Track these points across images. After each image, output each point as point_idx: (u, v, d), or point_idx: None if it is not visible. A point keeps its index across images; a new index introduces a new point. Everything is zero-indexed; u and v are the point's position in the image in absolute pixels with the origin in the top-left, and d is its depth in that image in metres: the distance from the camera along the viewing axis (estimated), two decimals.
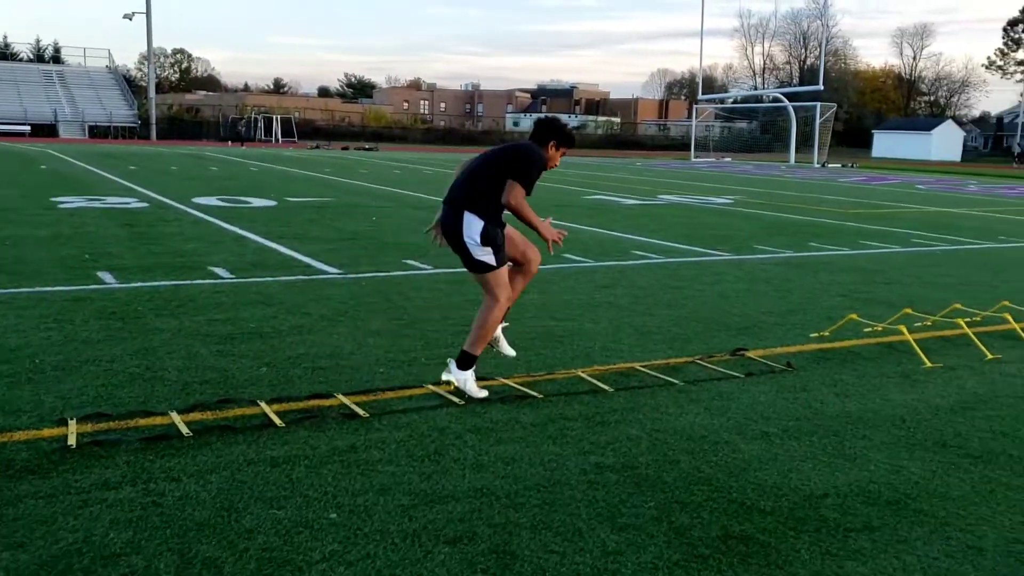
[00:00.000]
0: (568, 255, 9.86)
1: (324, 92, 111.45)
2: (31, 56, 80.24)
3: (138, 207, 13.85)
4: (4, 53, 78.17)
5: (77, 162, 26.11)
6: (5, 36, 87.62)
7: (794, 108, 50.02)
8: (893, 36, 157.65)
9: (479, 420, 4.30)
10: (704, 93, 64.83)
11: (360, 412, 4.30)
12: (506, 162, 4.64)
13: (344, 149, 49.52)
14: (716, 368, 5.38)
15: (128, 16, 56.62)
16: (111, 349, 5.33)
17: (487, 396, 4.65)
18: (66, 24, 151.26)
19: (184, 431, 3.97)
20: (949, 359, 5.80)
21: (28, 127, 50.31)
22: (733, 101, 75.02)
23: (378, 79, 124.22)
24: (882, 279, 9.17)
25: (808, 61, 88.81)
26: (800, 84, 73.41)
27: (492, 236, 4.64)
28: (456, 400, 4.55)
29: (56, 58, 74.85)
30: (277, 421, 4.15)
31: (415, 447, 3.91)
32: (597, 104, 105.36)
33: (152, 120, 55.34)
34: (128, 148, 39.97)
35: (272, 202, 15.35)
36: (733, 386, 5.07)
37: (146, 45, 57.89)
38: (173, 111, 68.28)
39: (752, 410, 4.63)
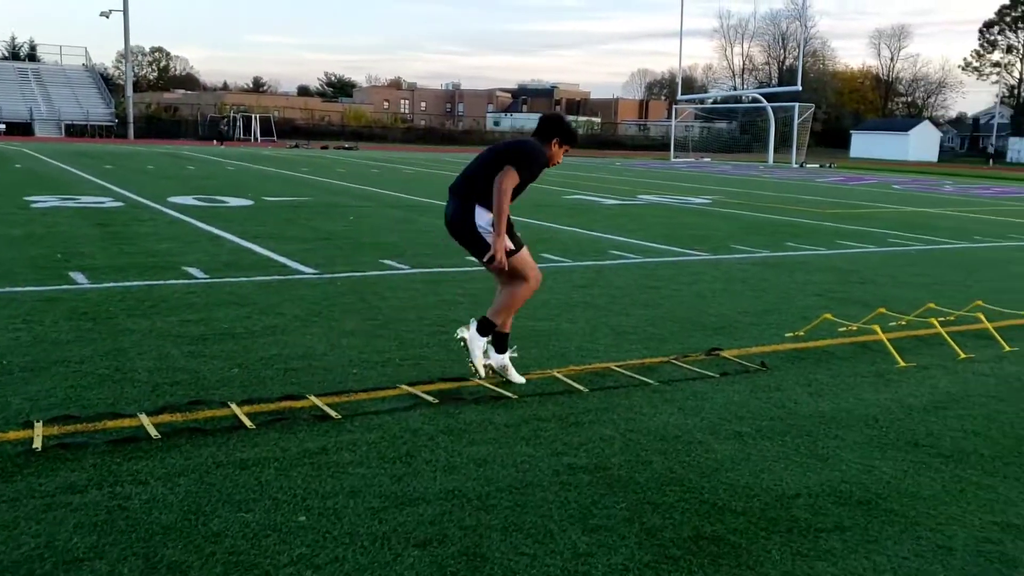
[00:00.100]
0: (547, 255, 9.85)
1: (304, 91, 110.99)
2: (6, 54, 79.40)
3: (113, 206, 13.72)
4: None
5: (52, 161, 25.85)
6: None
7: (773, 108, 50.27)
8: (871, 37, 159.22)
9: (452, 421, 4.27)
10: (684, 93, 65.10)
11: (332, 413, 4.27)
12: (509, 154, 4.76)
13: (324, 148, 49.31)
14: (691, 368, 5.38)
15: (105, 14, 56.16)
16: (81, 350, 5.27)
17: (484, 376, 4.89)
18: (42, 21, 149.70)
19: (153, 433, 3.92)
20: (923, 358, 5.83)
21: (3, 125, 49.84)
22: (713, 101, 75.38)
23: (358, 78, 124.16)
24: (857, 279, 9.21)
25: (787, 62, 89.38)
26: (779, 84, 73.77)
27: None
28: (430, 399, 4.52)
29: (32, 56, 74.05)
30: (247, 423, 4.10)
31: (387, 449, 3.88)
32: (578, 104, 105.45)
33: (130, 119, 54.87)
34: (105, 147, 39.64)
35: (249, 201, 15.26)
36: (708, 386, 5.07)
37: (123, 43, 57.41)
38: (151, 110, 67.73)
39: (726, 410, 4.63)
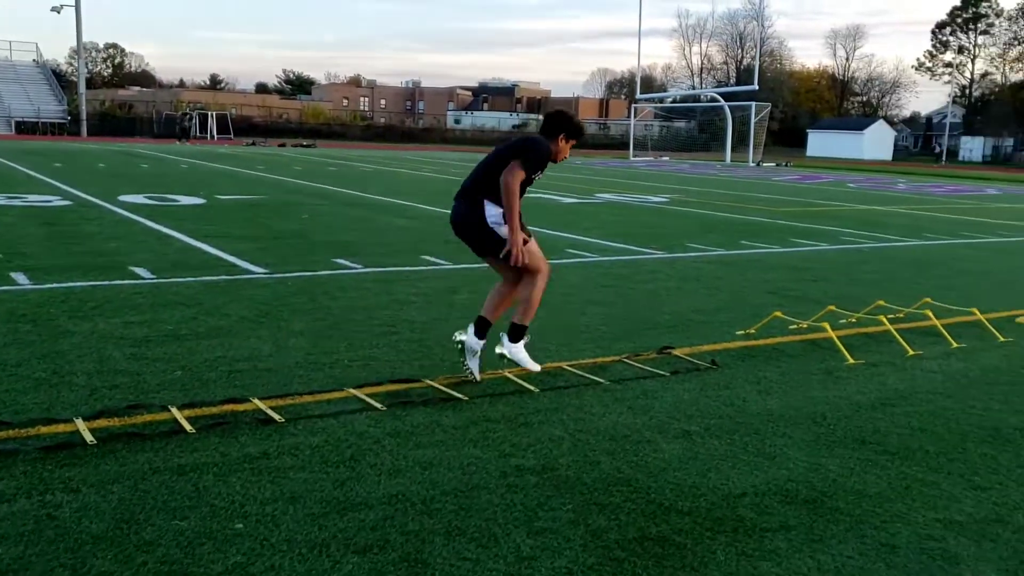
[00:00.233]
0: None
1: (262, 88, 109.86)
2: None
3: (60, 205, 13.42)
4: None
5: None
6: None
7: (730, 108, 50.71)
8: (827, 37, 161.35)
9: (399, 424, 4.20)
10: (643, 92, 65.45)
11: (275, 417, 4.18)
12: (513, 151, 4.83)
13: (281, 146, 48.80)
14: (642, 367, 5.37)
15: (56, 9, 55.04)
16: (18, 353, 5.11)
17: (540, 370, 4.97)
18: None
19: (88, 439, 3.81)
20: (871, 356, 5.87)
21: None
22: (672, 101, 75.89)
23: (317, 75, 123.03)
24: (810, 276, 9.29)
25: (744, 61, 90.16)
26: (737, 84, 74.43)
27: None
28: (377, 405, 4.44)
29: None
30: (188, 427, 4.00)
31: (330, 453, 3.80)
32: (538, 102, 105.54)
33: (83, 116, 53.88)
34: (55, 145, 38.86)
35: (201, 200, 15.01)
36: (658, 384, 5.05)
37: (76, 39, 56.32)
38: (105, 107, 66.55)
39: (675, 409, 4.61)
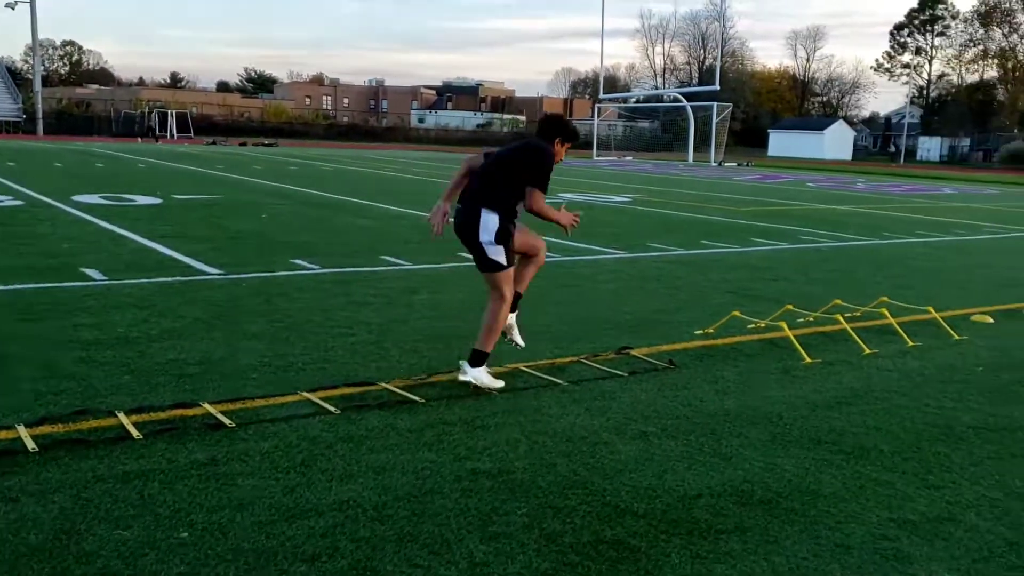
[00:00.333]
0: (463, 254, 9.73)
1: (223, 87, 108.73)
2: None
3: (12, 205, 13.14)
4: None
5: None
6: None
7: (693, 108, 51.04)
8: (788, 38, 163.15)
9: (353, 428, 4.13)
10: (607, 92, 65.67)
11: (226, 421, 4.09)
12: (523, 165, 4.84)
13: (242, 145, 48.33)
14: (600, 367, 5.34)
15: (11, 5, 54.03)
16: None
17: (503, 386, 4.88)
18: None
19: (30, 446, 3.70)
20: (828, 355, 5.90)
21: None
22: (635, 101, 76.21)
23: (280, 74, 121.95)
24: (769, 276, 9.34)
25: (707, 62, 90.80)
26: (699, 84, 74.96)
27: (506, 235, 4.83)
28: (331, 408, 4.37)
29: None
30: (135, 433, 3.90)
31: (281, 458, 3.73)
32: (503, 102, 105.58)
33: (38, 114, 52.91)
34: (9, 143, 38.11)
35: (158, 200, 14.78)
36: (616, 385, 5.03)
37: (31, 36, 55.30)
38: (62, 105, 65.50)
39: (633, 409, 4.59)
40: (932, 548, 3.17)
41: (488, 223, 4.79)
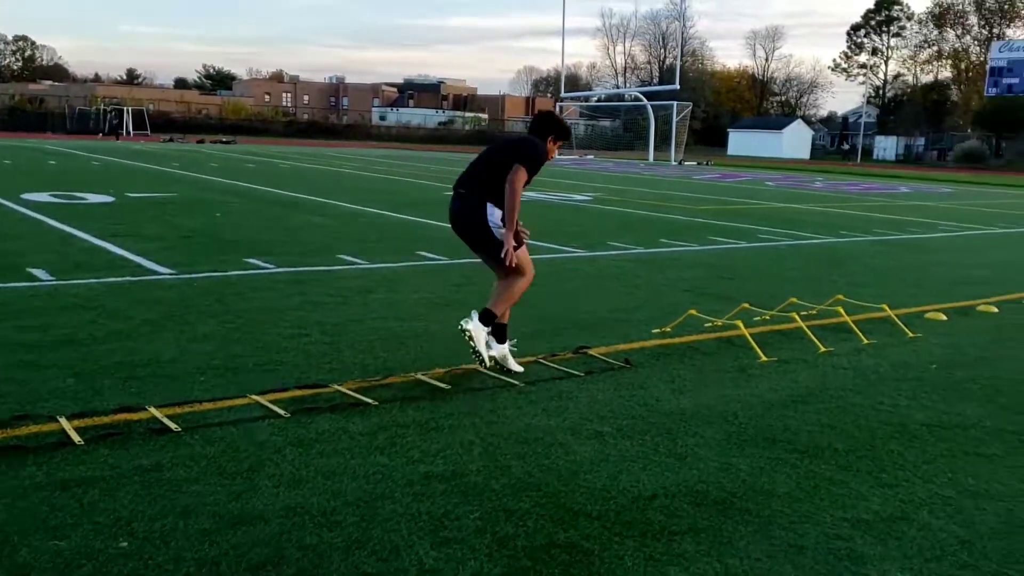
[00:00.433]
0: (423, 252, 9.67)
1: (181, 83, 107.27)
2: None
3: None
4: None
5: None
6: None
7: (653, 107, 51.27)
8: (747, 38, 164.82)
9: (303, 431, 4.05)
10: (568, 91, 65.78)
11: (171, 426, 3.98)
12: (519, 154, 5.01)
13: (200, 142, 47.70)
14: (557, 367, 5.30)
15: None
16: None
17: (523, 371, 5.08)
18: None
19: None
20: (784, 353, 5.92)
21: None
22: (597, 99, 76.47)
23: (239, 71, 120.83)
24: (727, 274, 9.37)
25: (667, 61, 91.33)
26: (659, 83, 75.34)
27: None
28: (280, 412, 4.27)
29: None
30: (76, 438, 3.78)
31: (227, 463, 3.63)
32: (465, 100, 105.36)
33: None
34: None
35: (110, 198, 14.50)
36: (573, 385, 5.00)
37: None
38: (14, 101, 64.17)
39: (589, 409, 4.56)
40: (885, 548, 3.17)
41: (493, 211, 5.04)
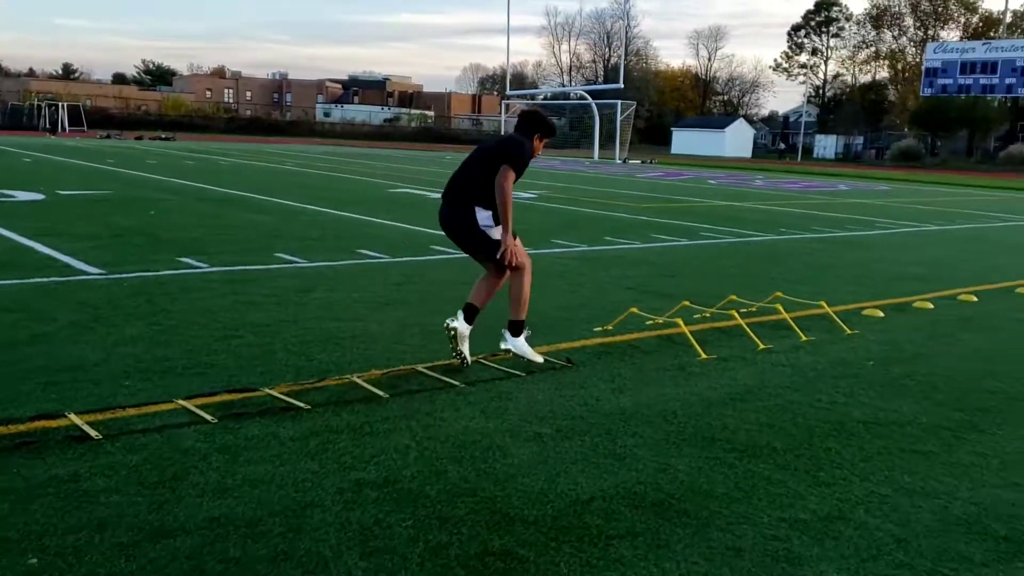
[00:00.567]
0: (364, 251, 9.52)
1: (120, 79, 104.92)
2: None
3: None
4: None
5: None
6: None
7: (598, 106, 51.48)
8: (690, 38, 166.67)
9: (231, 438, 3.90)
10: (514, 89, 65.78)
11: (92, 433, 3.81)
12: (504, 154, 5.08)
13: (138, 139, 46.71)
14: (498, 367, 5.23)
15: None
16: None
17: (543, 361, 5.22)
18: None
19: None
20: (723, 350, 5.91)
21: None
22: (543, 98, 76.51)
23: (179, 66, 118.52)
24: (669, 272, 9.38)
25: (612, 60, 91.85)
26: (604, 82, 75.75)
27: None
28: (207, 417, 4.12)
29: None
30: None
31: (149, 472, 3.48)
32: (410, 97, 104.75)
33: None
34: None
35: (40, 196, 14.05)
36: (513, 385, 4.92)
37: None
38: None
39: (529, 410, 4.48)
40: (822, 548, 3.14)
41: (482, 214, 5.14)
